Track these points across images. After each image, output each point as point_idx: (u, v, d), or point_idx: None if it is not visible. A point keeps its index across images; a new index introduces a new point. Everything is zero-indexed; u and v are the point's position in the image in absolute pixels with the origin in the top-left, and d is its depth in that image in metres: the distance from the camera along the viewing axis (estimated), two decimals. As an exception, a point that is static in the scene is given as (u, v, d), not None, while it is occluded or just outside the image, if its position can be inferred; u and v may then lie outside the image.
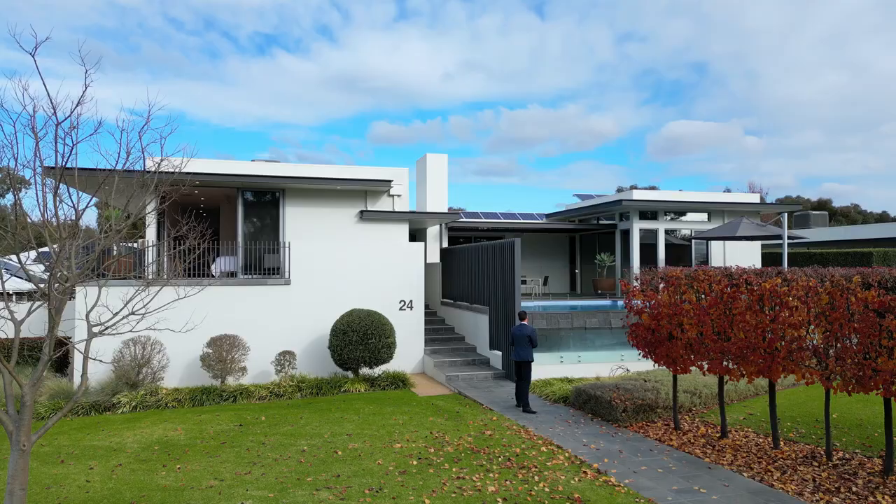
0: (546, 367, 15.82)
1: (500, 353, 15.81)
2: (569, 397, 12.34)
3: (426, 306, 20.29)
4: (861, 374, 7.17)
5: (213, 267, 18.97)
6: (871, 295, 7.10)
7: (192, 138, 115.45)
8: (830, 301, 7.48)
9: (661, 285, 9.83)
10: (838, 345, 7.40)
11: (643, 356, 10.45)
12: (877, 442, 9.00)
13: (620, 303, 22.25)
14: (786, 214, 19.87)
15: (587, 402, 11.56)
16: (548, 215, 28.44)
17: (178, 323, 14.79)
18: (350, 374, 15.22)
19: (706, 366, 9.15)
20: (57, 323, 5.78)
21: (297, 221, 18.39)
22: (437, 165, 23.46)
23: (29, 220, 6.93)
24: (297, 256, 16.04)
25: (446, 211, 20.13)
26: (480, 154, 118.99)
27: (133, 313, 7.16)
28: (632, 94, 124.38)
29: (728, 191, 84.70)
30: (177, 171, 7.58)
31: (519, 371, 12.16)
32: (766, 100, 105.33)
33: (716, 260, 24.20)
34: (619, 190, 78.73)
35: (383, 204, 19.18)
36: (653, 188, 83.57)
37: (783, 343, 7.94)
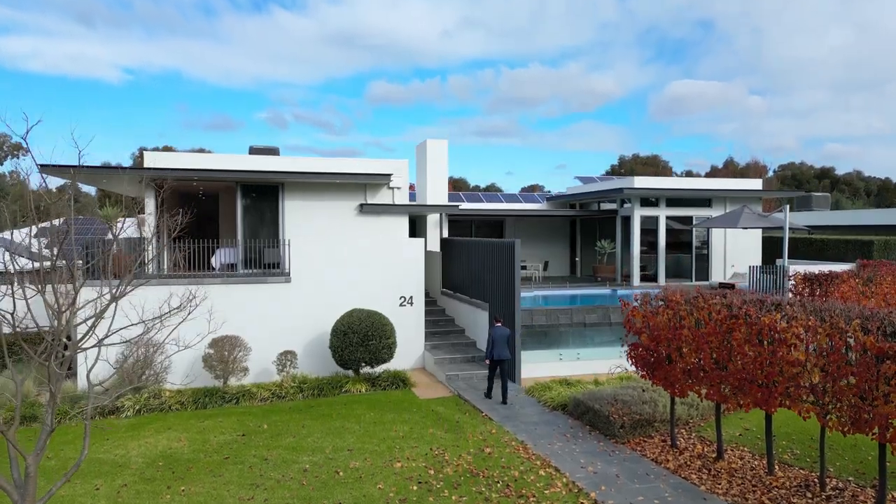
0: (546, 364, 15.96)
1: (499, 350, 15.89)
2: (567, 405, 12.46)
3: (426, 294, 20.31)
4: (857, 416, 7.23)
5: (212, 259, 18.99)
6: (869, 340, 7.11)
7: (188, 99, 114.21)
8: (829, 342, 7.50)
9: (661, 306, 9.83)
10: (835, 386, 7.44)
11: (642, 377, 10.52)
12: (870, 468, 9.13)
13: (620, 291, 22.32)
14: (787, 206, 19.76)
15: (585, 413, 11.68)
16: (548, 198, 28.32)
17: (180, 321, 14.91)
18: (351, 374, 15.35)
19: (704, 392, 9.21)
20: (59, 389, 5.79)
21: (296, 214, 18.32)
22: (437, 152, 23.26)
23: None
24: (298, 254, 16.03)
25: (446, 203, 20.04)
26: (480, 114, 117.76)
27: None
28: (635, 52, 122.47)
29: (731, 159, 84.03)
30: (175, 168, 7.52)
31: (499, 367, 13.21)
32: (770, 59, 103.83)
33: (717, 246, 24.18)
34: (617, 168, 78.11)
35: (383, 196, 19.07)
36: (654, 156, 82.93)
37: (781, 378, 7.98)
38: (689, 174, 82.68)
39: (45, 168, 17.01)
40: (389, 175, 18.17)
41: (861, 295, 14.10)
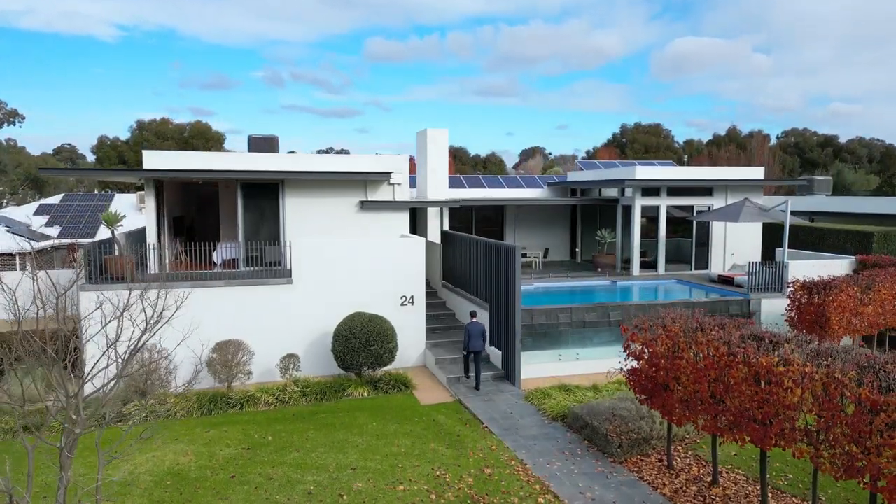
0: (545, 365, 16.17)
1: (500, 351, 16.09)
2: (567, 416, 12.68)
3: (427, 284, 20.39)
4: (850, 464, 7.40)
5: (214, 255, 19.07)
6: (864, 393, 7.23)
7: (183, 56, 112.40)
8: (824, 390, 7.62)
9: (661, 333, 9.93)
10: (829, 434, 7.59)
11: (640, 402, 10.69)
12: (861, 497, 9.36)
13: (619, 282, 22.44)
14: (788, 201, 19.75)
15: (584, 427, 11.91)
16: (549, 183, 28.21)
17: (183, 325, 15.12)
18: (353, 376, 15.56)
19: (701, 423, 9.39)
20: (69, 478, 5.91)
21: (297, 211, 18.32)
22: (437, 141, 23.10)
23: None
24: (299, 255, 16.07)
25: (446, 199, 19.99)
26: (480, 73, 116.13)
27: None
28: (640, 7, 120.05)
29: (734, 127, 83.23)
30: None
31: (474, 357, 14.99)
32: (776, 15, 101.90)
33: (717, 235, 24.19)
34: (619, 137, 77.27)
35: (384, 191, 19.02)
36: (656, 125, 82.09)
37: (777, 419, 8.14)
38: (688, 145, 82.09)
39: (45, 171, 16.97)
40: (389, 173, 18.11)
41: (859, 302, 14.21)
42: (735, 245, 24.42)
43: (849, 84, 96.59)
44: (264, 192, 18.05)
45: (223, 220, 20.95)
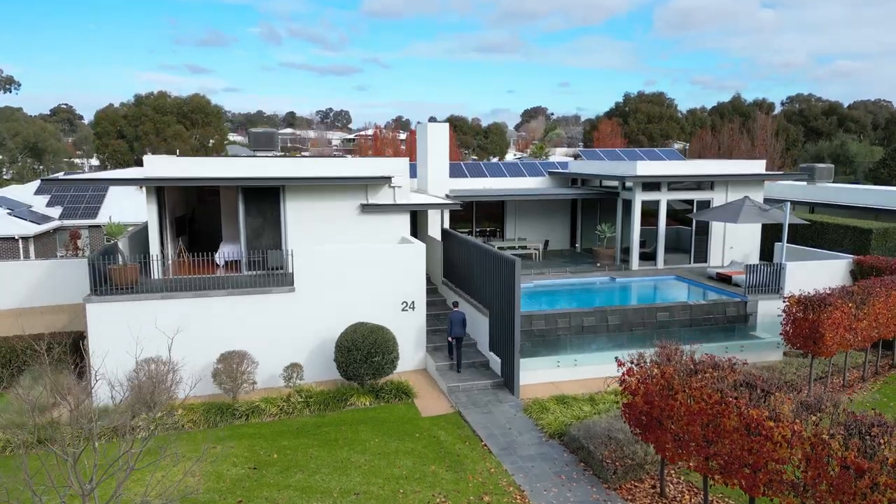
0: (543, 371, 16.47)
1: (499, 359, 16.38)
2: (564, 434, 13.01)
3: (427, 279, 20.58)
4: (834, 521, 7.71)
5: (217, 256, 19.25)
6: (849, 456, 7.49)
7: (179, 12, 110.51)
8: (812, 449, 7.88)
9: (656, 373, 10.17)
10: (815, 490, 7.88)
11: (634, 434, 10.98)
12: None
13: (618, 279, 22.65)
14: (788, 204, 19.81)
15: (580, 449, 12.25)
16: (550, 172, 28.16)
17: (188, 335, 15.47)
18: (355, 384, 15.88)
19: (692, 463, 9.69)
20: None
21: (298, 215, 18.41)
22: (437, 136, 23.08)
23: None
24: (301, 263, 16.23)
25: (446, 201, 20.02)
26: (481, 29, 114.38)
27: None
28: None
29: (738, 95, 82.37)
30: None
31: (457, 343, 16.59)
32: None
33: (716, 227, 24.30)
34: (622, 107, 76.47)
35: (384, 194, 19.07)
36: (659, 94, 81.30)
37: (765, 470, 8.42)
38: (691, 114, 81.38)
39: (47, 181, 17.00)
40: (390, 178, 18.16)
41: (853, 318, 14.42)
42: (734, 237, 24.56)
43: (855, 42, 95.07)
44: (265, 197, 18.12)
45: (224, 218, 21.05)
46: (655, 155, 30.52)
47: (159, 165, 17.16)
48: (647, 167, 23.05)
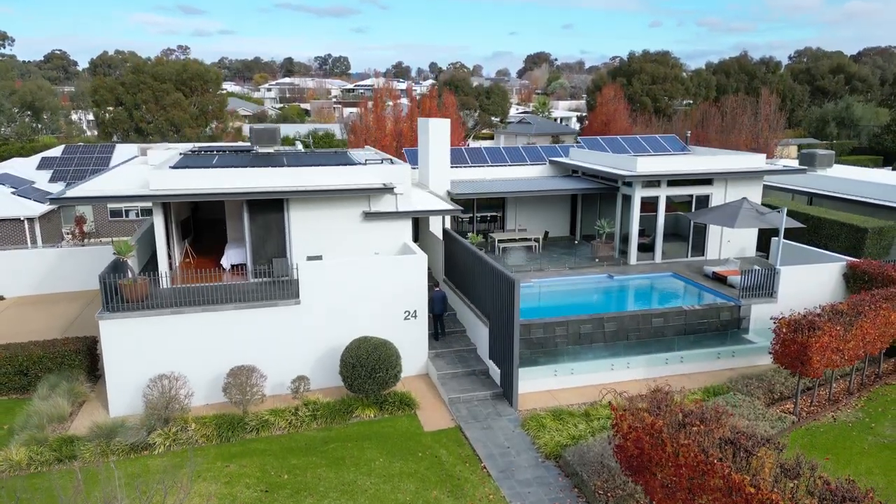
0: (542, 381, 17.08)
1: (499, 369, 16.98)
2: (559, 456, 13.69)
3: (429, 275, 21.02)
4: (805, 584, 8.38)
5: (223, 259, 19.68)
6: (822, 531, 8.09)
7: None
8: (788, 518, 8.48)
9: (648, 422, 10.71)
10: (790, 556, 8.52)
11: (625, 475, 11.61)
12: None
13: (616, 276, 23.08)
14: (784, 209, 20.06)
15: (574, 475, 12.94)
16: (552, 161, 28.23)
17: (197, 347, 16.07)
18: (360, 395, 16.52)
19: (678, 510, 10.34)
20: None
21: (302, 223, 18.74)
22: (438, 132, 23.16)
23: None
24: (306, 276, 16.64)
25: (448, 207, 20.26)
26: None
27: None
28: None
29: (745, 53, 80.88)
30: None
31: (438, 317, 19.03)
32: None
33: (713, 229, 24.56)
34: (626, 65, 75.07)
35: (386, 201, 19.33)
36: (664, 53, 79.68)
37: (745, 529, 9.06)
38: (697, 75, 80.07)
39: (54, 200, 17.29)
40: (392, 188, 18.40)
41: (841, 340, 14.91)
42: (732, 231, 24.85)
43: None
44: (269, 207, 18.39)
45: (229, 219, 21.35)
46: (656, 142, 30.45)
47: (165, 178, 17.38)
48: (648, 165, 23.19)
